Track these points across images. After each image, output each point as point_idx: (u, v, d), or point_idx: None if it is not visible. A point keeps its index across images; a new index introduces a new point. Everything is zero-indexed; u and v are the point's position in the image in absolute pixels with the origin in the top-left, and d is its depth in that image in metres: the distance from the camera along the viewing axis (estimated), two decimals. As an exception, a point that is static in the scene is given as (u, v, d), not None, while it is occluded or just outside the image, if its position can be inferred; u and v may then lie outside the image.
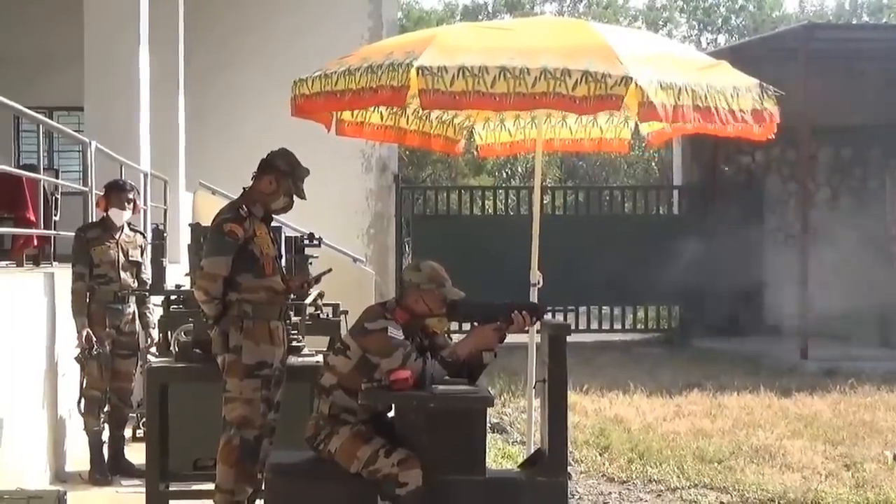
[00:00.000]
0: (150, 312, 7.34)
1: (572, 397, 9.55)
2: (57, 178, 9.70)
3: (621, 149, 6.79)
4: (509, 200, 18.17)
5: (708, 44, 36.39)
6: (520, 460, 6.79)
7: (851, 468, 7.52)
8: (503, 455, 7.87)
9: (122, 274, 7.14)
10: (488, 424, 8.17)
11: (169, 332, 6.39)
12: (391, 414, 4.77)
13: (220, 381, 5.24)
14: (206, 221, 5.65)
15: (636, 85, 4.54)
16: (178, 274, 7.90)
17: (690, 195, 18.09)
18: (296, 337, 5.89)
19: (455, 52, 4.73)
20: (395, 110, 6.16)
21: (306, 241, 6.63)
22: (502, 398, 10.31)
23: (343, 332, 6.00)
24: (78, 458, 7.18)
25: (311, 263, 6.37)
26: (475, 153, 7.13)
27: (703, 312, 17.06)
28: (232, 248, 5.18)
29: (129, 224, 7.35)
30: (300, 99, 5.23)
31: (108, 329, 7.04)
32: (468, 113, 6.54)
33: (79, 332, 6.87)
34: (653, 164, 29.62)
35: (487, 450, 5.61)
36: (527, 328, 4.90)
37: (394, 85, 4.69)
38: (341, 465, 4.59)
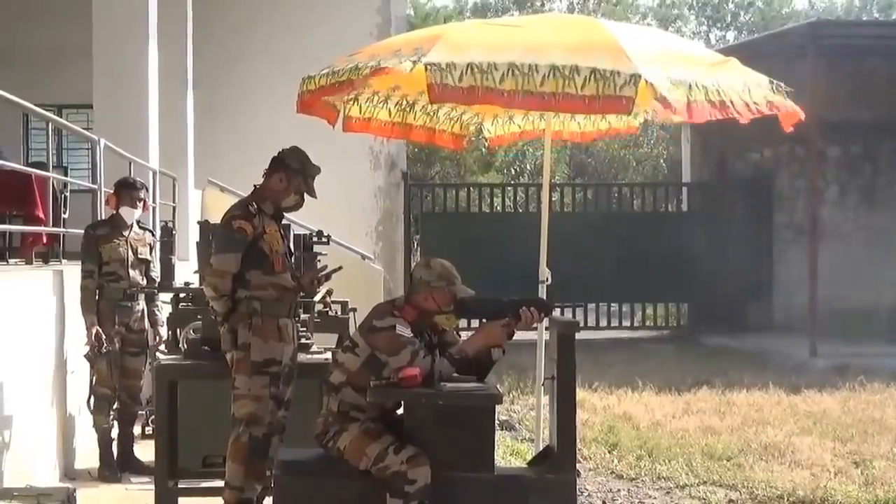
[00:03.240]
0: (159, 310, 7.35)
1: (581, 394, 9.54)
2: (66, 175, 9.72)
3: (630, 130, 6.80)
4: (518, 197, 18.17)
5: (717, 41, 36.34)
6: (529, 457, 6.79)
7: (861, 465, 7.50)
8: (512, 452, 7.87)
9: (132, 272, 7.14)
10: (497, 422, 8.15)
11: (178, 330, 6.40)
12: (400, 411, 4.77)
13: (229, 378, 5.24)
14: (215, 219, 5.65)
15: (646, 82, 4.54)
16: (187, 271, 7.91)
17: (699, 192, 18.10)
18: (305, 334, 5.89)
19: (463, 49, 4.72)
20: (402, 106, 6.16)
21: (315, 239, 6.63)
22: (511, 395, 10.31)
23: (352, 329, 5.99)
24: (87, 455, 7.20)
25: (319, 261, 6.36)
26: (483, 150, 7.12)
27: (712, 309, 17.04)
28: (241, 245, 5.18)
29: (138, 222, 7.35)
30: (306, 95, 5.24)
31: (117, 327, 7.04)
32: (476, 110, 6.53)
33: (88, 329, 6.88)
34: (661, 161, 29.59)
35: (496, 447, 5.60)
36: (535, 325, 4.90)
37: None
38: (350, 462, 4.59)
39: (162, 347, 6.88)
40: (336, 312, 6.97)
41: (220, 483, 5.36)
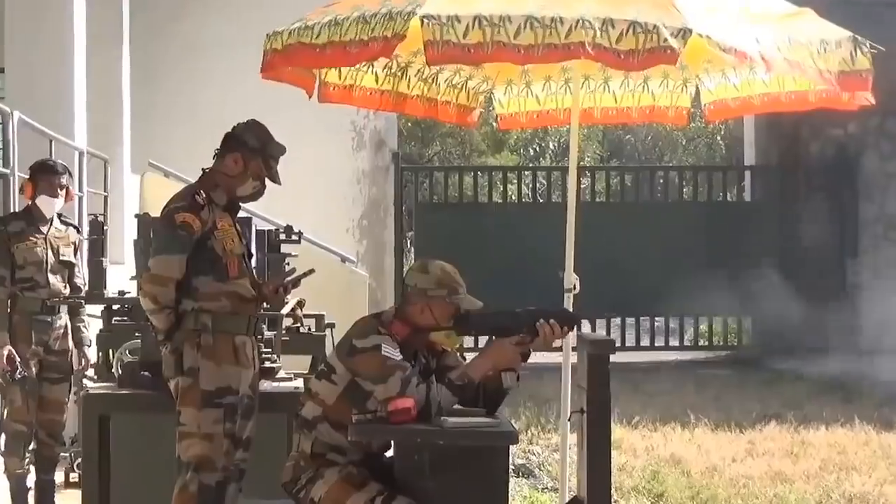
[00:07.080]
0: (85, 326, 7.34)
1: (617, 432, 9.54)
2: (-31, 157, 9.74)
3: (678, 120, 6.78)
4: (538, 184, 18.17)
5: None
6: (551, 511, 6.80)
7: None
8: (530, 504, 7.89)
9: (52, 277, 7.13)
10: (511, 466, 8.15)
11: (110, 351, 6.39)
12: (389, 453, 4.76)
13: (174, 411, 5.23)
14: (157, 211, 5.65)
15: (700, 36, 4.56)
16: (121, 277, 7.91)
17: (766, 178, 18.07)
18: (269, 356, 5.89)
19: (469, -2, 4.73)
20: (393, 71, 6.16)
21: (283, 236, 6.63)
22: (529, 433, 10.31)
23: (328, 350, 6.00)
24: (-4, 508, 7.20)
25: (288, 264, 6.37)
26: (494, 125, 7.14)
27: (782, 325, 17.02)
28: (186, 245, 5.17)
29: (59, 215, 7.34)
30: (271, 55, 5.25)
31: (34, 346, 7.03)
32: (485, 75, 6.54)
33: (-2, 350, 6.87)
34: (718, 138, 29.60)
35: (511, 498, 5.60)
36: (558, 343, 4.89)
37: (387, 35, 4.68)
38: (326, 517, 4.59)
39: (90, 373, 6.87)
40: (309, 329, 6.98)
41: (162, 543, 5.36)
